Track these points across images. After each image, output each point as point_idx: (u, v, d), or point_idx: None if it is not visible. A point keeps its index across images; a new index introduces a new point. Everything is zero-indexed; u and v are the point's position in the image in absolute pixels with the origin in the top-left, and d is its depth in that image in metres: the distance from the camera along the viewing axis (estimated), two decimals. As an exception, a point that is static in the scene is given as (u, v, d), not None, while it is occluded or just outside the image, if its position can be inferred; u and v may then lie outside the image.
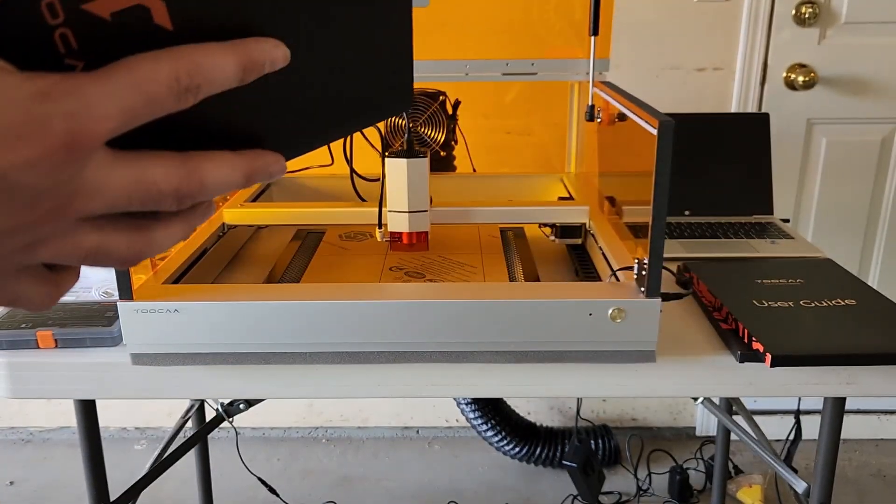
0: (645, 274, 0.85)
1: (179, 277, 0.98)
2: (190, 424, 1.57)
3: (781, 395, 0.93)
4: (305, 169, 1.38)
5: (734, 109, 1.97)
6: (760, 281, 1.08)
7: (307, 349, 0.88)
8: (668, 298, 0.92)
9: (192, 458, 1.68)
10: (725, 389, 0.93)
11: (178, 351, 0.88)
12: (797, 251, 1.26)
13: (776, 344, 0.90)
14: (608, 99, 1.07)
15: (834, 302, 1.01)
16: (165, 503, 2.03)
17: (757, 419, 1.40)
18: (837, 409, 1.02)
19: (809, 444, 1.20)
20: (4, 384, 0.94)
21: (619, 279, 0.93)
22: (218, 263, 1.13)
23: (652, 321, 0.86)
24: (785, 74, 1.94)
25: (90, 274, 1.17)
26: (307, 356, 0.88)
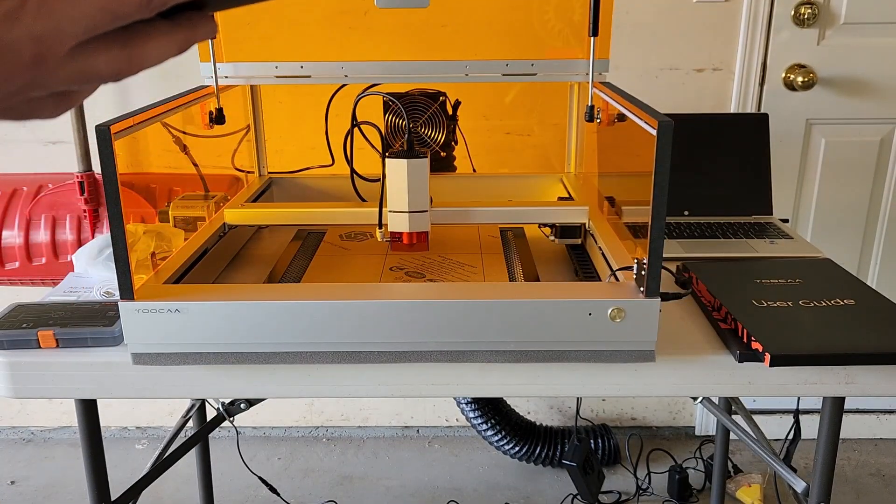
0: (644, 274, 0.85)
1: (180, 277, 0.98)
2: (191, 424, 1.58)
3: (780, 394, 0.93)
4: (306, 169, 1.38)
5: (733, 110, 1.97)
6: (759, 281, 1.08)
7: (308, 349, 0.88)
8: (667, 298, 0.92)
9: (192, 457, 1.68)
10: (724, 389, 0.93)
11: (178, 350, 0.88)
12: (796, 251, 1.26)
13: (775, 344, 0.90)
14: (608, 99, 1.07)
15: (833, 302, 1.02)
16: (166, 502, 2.03)
17: (756, 419, 1.41)
18: (836, 408, 1.02)
19: (808, 443, 1.20)
20: (6, 384, 0.94)
21: (618, 279, 0.94)
22: (219, 263, 1.13)
23: (651, 321, 0.86)
24: (784, 75, 1.94)
25: (91, 274, 1.17)
26: (308, 356, 0.88)
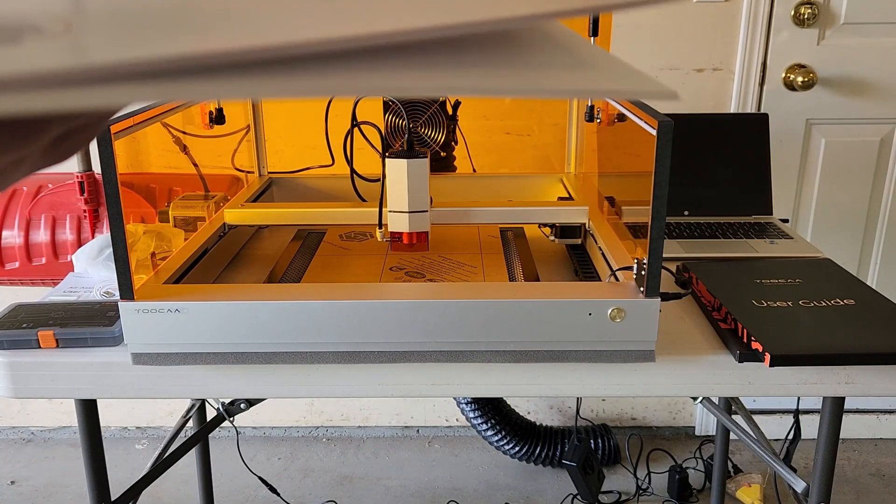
0: (644, 274, 0.85)
1: (180, 277, 0.98)
2: (191, 424, 1.58)
3: (780, 394, 0.93)
4: (306, 169, 1.38)
5: (733, 110, 1.97)
6: (759, 281, 1.08)
7: (308, 349, 0.88)
8: (667, 298, 0.92)
9: (192, 457, 1.68)
10: (724, 389, 0.93)
11: (178, 350, 0.88)
12: (796, 251, 1.26)
13: (775, 343, 0.90)
14: (607, 99, 1.07)
15: (833, 302, 1.02)
16: (166, 502, 2.03)
17: (756, 418, 1.41)
18: (836, 408, 1.02)
19: (808, 443, 1.20)
20: (6, 384, 0.94)
21: (618, 279, 0.94)
22: (219, 263, 1.13)
23: (651, 321, 0.86)
24: (784, 75, 1.94)
25: (91, 274, 1.17)
26: (308, 356, 0.88)
